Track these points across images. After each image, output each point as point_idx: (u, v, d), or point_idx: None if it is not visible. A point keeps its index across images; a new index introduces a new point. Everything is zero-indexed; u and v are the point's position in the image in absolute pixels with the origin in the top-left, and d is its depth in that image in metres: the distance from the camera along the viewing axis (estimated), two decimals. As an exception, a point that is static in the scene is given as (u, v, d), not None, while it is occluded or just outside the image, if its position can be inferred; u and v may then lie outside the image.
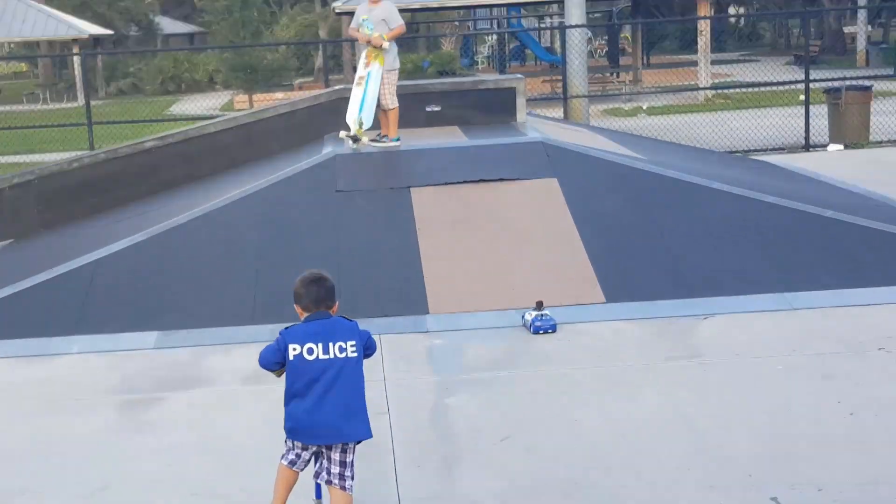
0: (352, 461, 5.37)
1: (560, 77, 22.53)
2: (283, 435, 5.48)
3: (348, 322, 5.50)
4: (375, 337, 8.52)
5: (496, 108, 14.14)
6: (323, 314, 5.44)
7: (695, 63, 30.92)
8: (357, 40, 12.28)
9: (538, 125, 14.20)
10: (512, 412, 7.28)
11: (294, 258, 9.99)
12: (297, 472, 5.46)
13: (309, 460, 5.45)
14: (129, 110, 28.44)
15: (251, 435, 7.02)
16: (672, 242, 10.28)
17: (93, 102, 20.97)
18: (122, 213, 13.14)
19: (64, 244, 12.07)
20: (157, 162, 14.20)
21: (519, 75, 15.04)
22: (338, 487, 5.33)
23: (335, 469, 5.35)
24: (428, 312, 9.39)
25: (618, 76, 35.27)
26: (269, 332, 8.89)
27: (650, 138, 18.45)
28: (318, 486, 5.55)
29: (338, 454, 5.35)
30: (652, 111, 26.57)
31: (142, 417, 7.45)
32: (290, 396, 5.29)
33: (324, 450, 5.37)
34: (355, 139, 12.02)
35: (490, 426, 7.04)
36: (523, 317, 9.09)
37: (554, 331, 8.87)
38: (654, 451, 6.55)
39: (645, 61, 41.01)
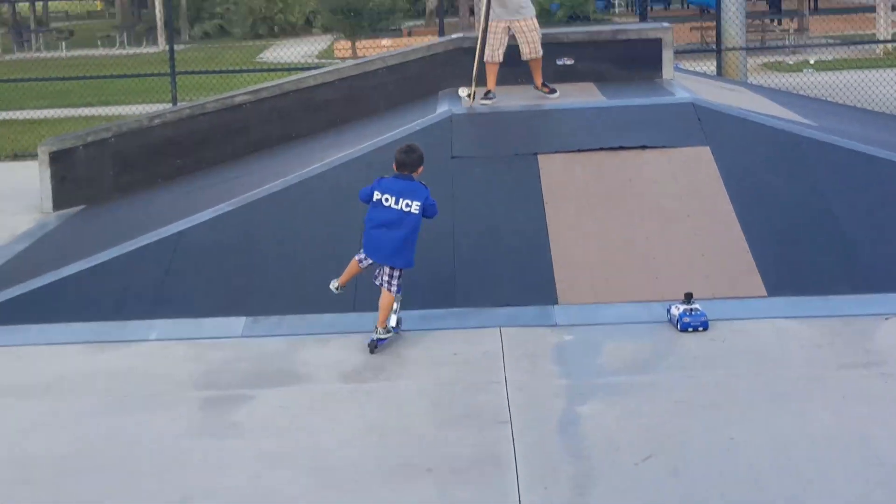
0: (398, 276, 8.59)
1: (713, 24, 22.09)
2: (388, 444, 6.90)
3: (420, 187, 8.66)
4: (495, 330, 8.59)
5: (638, 62, 13.85)
6: (405, 176, 8.70)
7: (872, 8, 30.07)
8: None
9: (687, 83, 13.90)
10: (655, 426, 7.12)
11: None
12: (362, 269, 8.70)
13: (371, 264, 8.67)
14: (216, 57, 28.74)
15: (351, 444, 6.96)
16: (848, 227, 9.98)
17: (176, 47, 21.16)
18: (207, 177, 13.25)
19: (141, 213, 12.20)
20: (248, 119, 14.27)
21: (665, 23, 14.73)
22: (385, 288, 8.58)
23: (385, 277, 8.61)
24: (556, 303, 9.26)
25: (780, 23, 34.54)
26: (372, 322, 8.87)
27: (819, 99, 18.01)
28: (377, 285, 8.63)
29: (387, 269, 8.59)
30: (820, 66, 25.95)
31: (227, 419, 7.45)
32: (370, 225, 8.58)
33: (379, 264, 8.66)
34: (487, 96, 12.00)
35: (629, 442, 6.89)
36: (669, 311, 8.91)
37: (705, 328, 8.69)
38: (825, 480, 6.34)
39: (812, 5, 40.09)
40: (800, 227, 10.01)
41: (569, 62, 12.51)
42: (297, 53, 29.28)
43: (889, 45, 28.00)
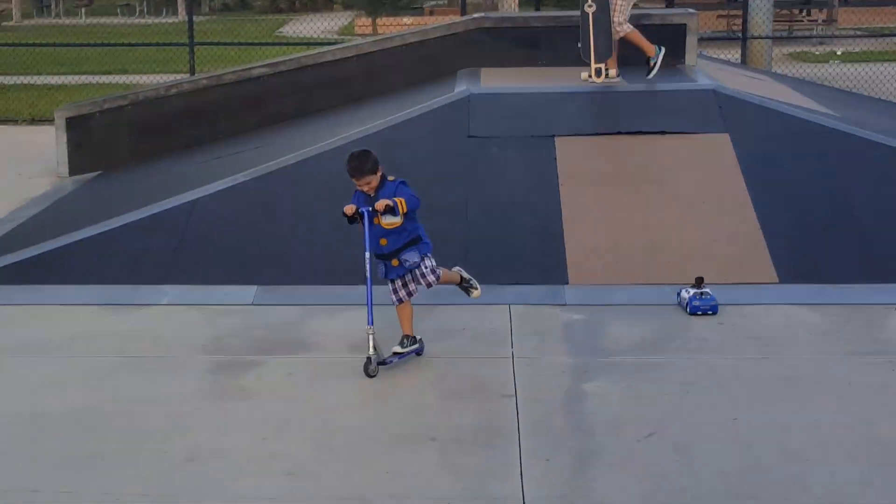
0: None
1: (739, 12, 22.16)
2: (392, 413, 7.23)
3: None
4: (505, 307, 8.75)
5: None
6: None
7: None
8: None
9: (710, 70, 14.05)
10: (659, 405, 7.29)
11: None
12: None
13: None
14: (235, 30, 28.88)
15: (356, 412, 7.16)
16: (865, 217, 10.11)
17: (195, 18, 21.34)
18: (222, 148, 13.43)
19: (156, 180, 12.41)
20: (265, 92, 14.45)
21: (691, 9, 14.87)
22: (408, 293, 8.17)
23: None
24: (567, 283, 9.44)
25: (808, 13, 34.50)
26: (383, 294, 9.03)
27: (844, 90, 18.09)
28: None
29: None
30: (847, 57, 25.99)
31: (235, 383, 7.66)
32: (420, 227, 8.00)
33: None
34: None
35: (633, 419, 7.06)
36: (679, 294, 9.07)
37: (714, 312, 8.84)
38: (826, 462, 6.50)
39: (843, -4, 39.97)
40: (816, 216, 10.14)
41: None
42: (318, 29, 29.40)
43: (918, 40, 28.00)
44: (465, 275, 8.37)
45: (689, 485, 6.25)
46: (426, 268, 7.93)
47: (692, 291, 8.96)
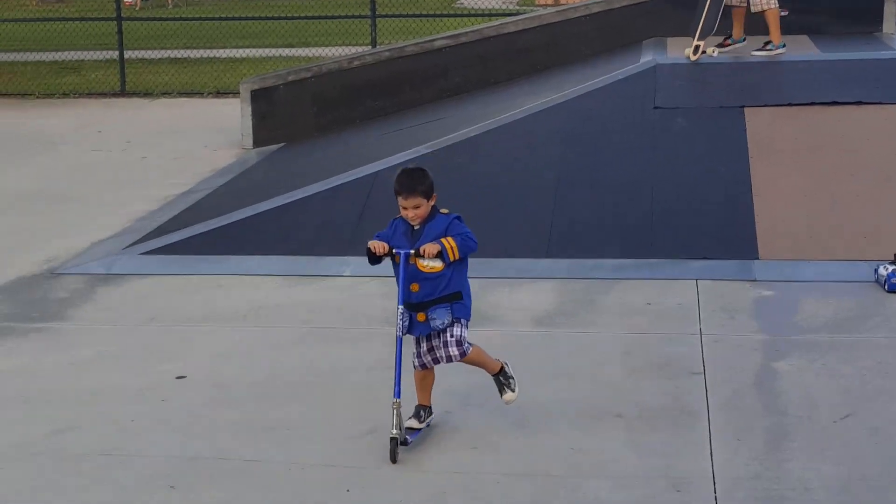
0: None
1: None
2: (577, 388, 6.82)
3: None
4: (691, 282, 8.56)
5: (857, 15, 13.59)
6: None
7: None
8: None
9: (908, 38, 13.57)
10: (855, 385, 7.04)
11: (600, 183, 9.98)
12: None
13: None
14: (416, 1, 29.03)
15: (541, 387, 7.06)
16: None
17: (377, -9, 21.47)
18: (404, 120, 13.49)
19: (339, 152, 12.52)
20: (447, 63, 14.46)
21: (888, -24, 14.37)
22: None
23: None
24: (757, 258, 9.21)
25: None
26: (566, 268, 8.96)
27: None
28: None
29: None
30: None
31: (418, 355, 7.64)
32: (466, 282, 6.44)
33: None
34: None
35: (827, 399, 6.84)
36: (876, 270, 8.77)
37: (915, 290, 8.54)
38: None
39: None
40: None
41: (783, 13, 12.29)
42: (495, 0, 29.37)
43: None
44: (509, 370, 6.59)
45: (889, 469, 6.01)
46: (452, 336, 6.27)
47: (891, 268, 8.65)
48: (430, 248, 6.06)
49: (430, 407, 6.50)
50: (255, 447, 6.38)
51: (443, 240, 6.08)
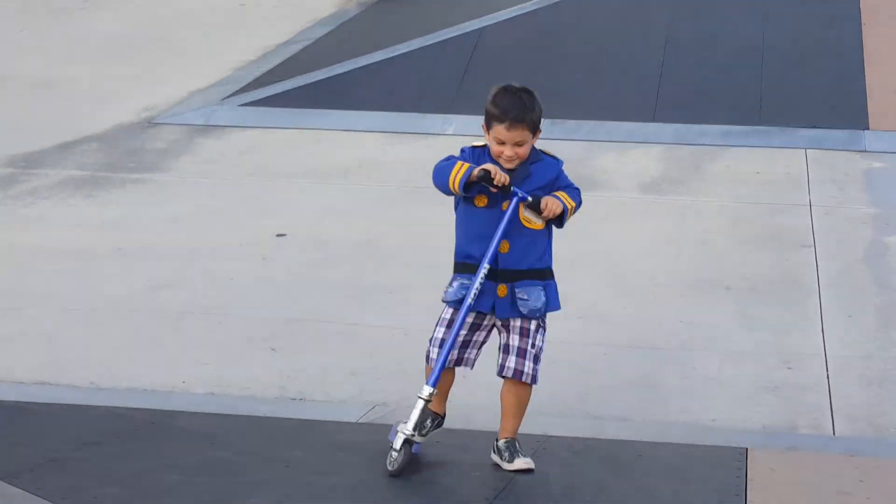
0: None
1: None
2: (684, 258, 5.94)
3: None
4: (801, 151, 8.36)
5: None
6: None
7: None
8: None
9: None
10: (972, 262, 6.89)
11: (708, 47, 9.75)
12: None
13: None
14: None
15: (647, 255, 6.96)
16: None
17: None
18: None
19: (443, 6, 12.28)
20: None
21: None
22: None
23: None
24: (867, 128, 8.96)
25: None
26: (672, 133, 8.79)
27: None
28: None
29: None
30: None
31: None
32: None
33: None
34: None
35: (940, 277, 6.70)
36: None
37: None
38: None
39: None
40: None
41: None
42: None
43: None
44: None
45: None
46: (533, 346, 4.60)
47: None
48: (554, 204, 4.48)
49: (444, 416, 4.77)
50: (356, 309, 6.32)
51: (560, 195, 4.54)
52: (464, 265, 4.61)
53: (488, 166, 4.45)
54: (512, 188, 4.46)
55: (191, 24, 12.99)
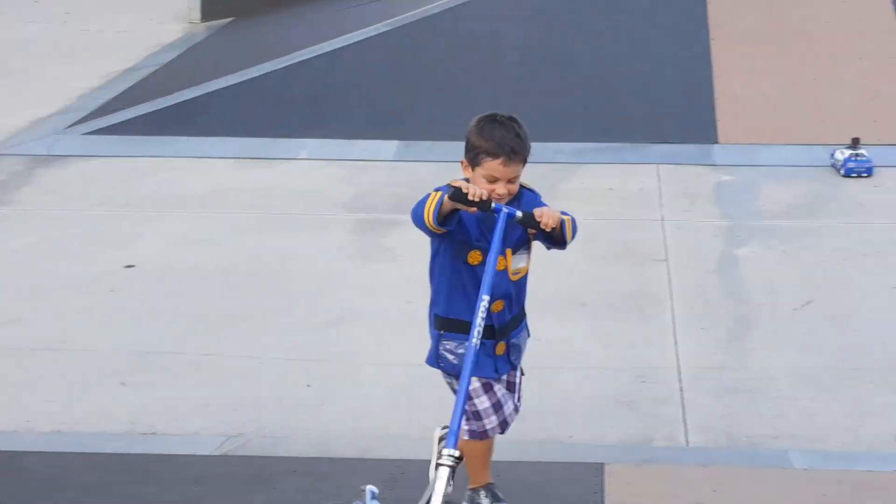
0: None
1: None
2: (540, 276, 4.87)
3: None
4: (653, 167, 8.50)
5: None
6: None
7: None
8: None
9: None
10: (814, 272, 7.03)
11: (561, 65, 9.85)
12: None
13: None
14: None
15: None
16: None
17: None
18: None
19: (293, 28, 12.24)
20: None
21: None
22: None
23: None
24: (717, 142, 9.12)
25: None
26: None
27: None
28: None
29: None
30: None
31: (380, 243, 7.51)
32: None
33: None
34: None
35: (788, 286, 6.82)
36: (833, 155, 8.70)
37: (870, 175, 8.48)
38: None
39: None
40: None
41: None
42: None
43: None
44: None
45: (849, 357, 6.03)
46: (520, 380, 4.46)
47: (847, 152, 8.59)
48: (552, 214, 4.06)
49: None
50: (211, 340, 6.23)
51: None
52: (452, 322, 4.18)
53: (457, 182, 3.95)
54: (493, 203, 4.00)
55: (30, 50, 12.71)
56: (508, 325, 4.23)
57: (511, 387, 4.32)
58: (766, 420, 5.44)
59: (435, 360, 4.26)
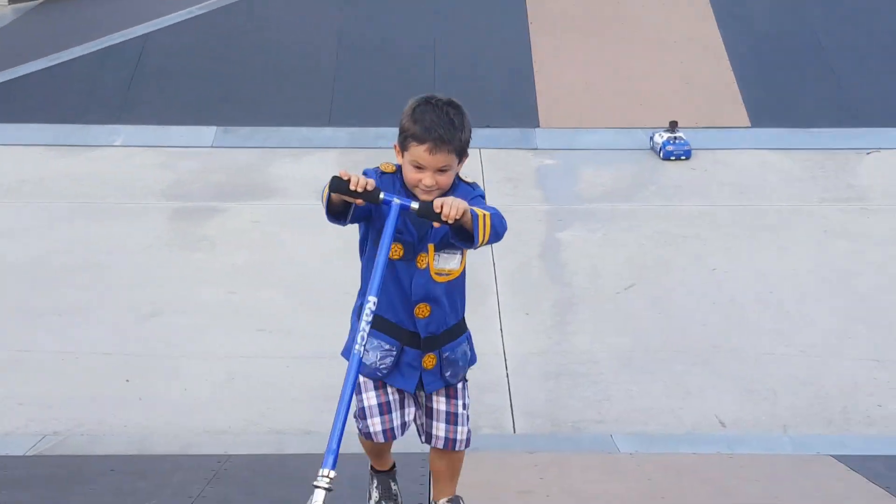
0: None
1: None
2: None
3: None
4: (475, 151, 8.49)
5: None
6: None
7: None
8: None
9: None
10: (636, 254, 7.13)
11: (382, 49, 9.78)
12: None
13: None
14: None
15: (331, 263, 6.91)
16: (837, 60, 9.91)
17: None
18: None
19: (104, 10, 11.95)
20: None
21: None
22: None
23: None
24: (538, 126, 9.19)
25: None
26: (347, 137, 8.78)
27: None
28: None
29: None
30: None
31: (198, 231, 7.37)
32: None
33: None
34: None
35: (610, 270, 6.91)
36: (652, 138, 8.86)
37: (688, 157, 8.65)
38: (806, 314, 6.41)
39: None
40: (788, 57, 9.93)
41: None
42: None
43: None
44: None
45: (670, 339, 6.14)
46: (465, 407, 3.98)
47: (665, 135, 8.74)
48: (455, 205, 3.48)
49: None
50: (26, 336, 6.05)
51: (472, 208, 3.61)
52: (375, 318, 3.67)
53: (342, 172, 3.52)
54: (382, 195, 3.55)
55: None
56: (440, 337, 3.83)
57: (451, 393, 3.89)
58: (590, 404, 5.50)
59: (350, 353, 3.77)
